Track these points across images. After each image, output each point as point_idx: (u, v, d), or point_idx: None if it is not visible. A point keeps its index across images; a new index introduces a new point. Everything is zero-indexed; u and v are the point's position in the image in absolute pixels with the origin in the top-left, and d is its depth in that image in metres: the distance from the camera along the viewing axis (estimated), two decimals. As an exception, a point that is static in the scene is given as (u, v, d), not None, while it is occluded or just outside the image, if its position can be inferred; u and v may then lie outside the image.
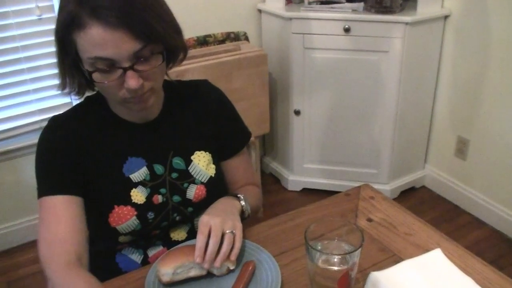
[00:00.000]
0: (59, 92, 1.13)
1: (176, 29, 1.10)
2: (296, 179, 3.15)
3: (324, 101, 2.84)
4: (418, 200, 3.07)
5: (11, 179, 2.63)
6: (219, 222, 1.09)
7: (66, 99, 2.66)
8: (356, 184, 1.46)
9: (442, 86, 2.89)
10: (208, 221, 1.09)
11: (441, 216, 2.90)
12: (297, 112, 2.90)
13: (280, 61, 2.88)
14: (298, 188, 3.16)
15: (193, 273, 1.08)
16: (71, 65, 1.07)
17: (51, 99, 2.63)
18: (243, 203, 1.24)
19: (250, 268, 1.09)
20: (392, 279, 1.07)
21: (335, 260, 0.97)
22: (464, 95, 2.77)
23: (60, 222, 1.09)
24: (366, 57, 2.65)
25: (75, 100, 1.22)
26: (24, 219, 2.72)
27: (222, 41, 2.73)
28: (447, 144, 2.96)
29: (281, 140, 3.16)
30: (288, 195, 3.16)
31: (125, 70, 1.01)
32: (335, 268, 0.96)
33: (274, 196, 3.12)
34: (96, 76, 1.02)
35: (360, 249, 0.94)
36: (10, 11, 2.40)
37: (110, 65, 1.00)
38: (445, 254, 1.14)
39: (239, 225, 1.13)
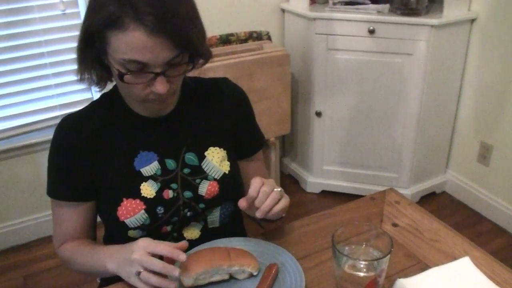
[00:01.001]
0: (78, 81, 1.14)
1: (204, 36, 1.11)
2: (315, 181, 3.12)
3: (346, 103, 2.81)
4: (439, 205, 3.02)
5: (31, 173, 2.64)
6: (272, 181, 1.10)
7: (87, 95, 2.67)
8: (376, 188, 1.44)
9: (466, 90, 2.84)
10: (260, 180, 1.09)
11: (462, 223, 2.85)
12: (318, 114, 2.87)
13: (302, 61, 2.86)
14: (317, 190, 3.14)
15: (215, 278, 1.06)
16: (93, 58, 1.08)
17: (72, 94, 2.64)
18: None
19: (273, 271, 1.07)
20: (419, 287, 1.04)
21: (362, 265, 0.94)
22: (488, 100, 2.72)
23: (66, 225, 1.24)
24: (390, 59, 2.61)
25: (97, 94, 1.23)
26: (43, 214, 2.72)
27: (244, 40, 2.72)
28: (470, 150, 2.91)
29: (301, 141, 3.13)
30: (307, 197, 3.13)
31: (156, 75, 1.03)
32: (362, 274, 0.93)
33: (293, 198, 3.04)
34: (127, 78, 1.03)
35: (389, 256, 0.91)
36: (35, 6, 2.40)
37: (142, 68, 1.02)
38: (473, 262, 1.11)
39: (287, 197, 1.15)
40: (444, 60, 2.65)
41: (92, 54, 1.07)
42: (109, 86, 1.22)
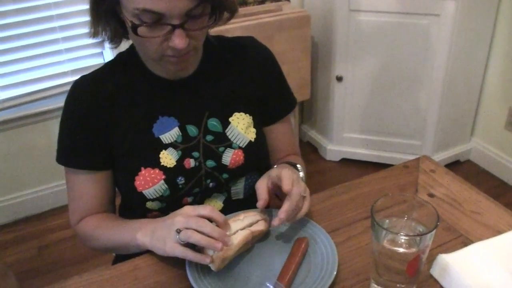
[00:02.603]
0: (90, 36, 1.04)
1: None
2: (335, 148, 3.03)
3: (368, 67, 2.69)
4: (463, 174, 2.88)
5: (44, 142, 2.58)
6: (297, 179, 1.02)
7: (99, 59, 2.58)
8: (399, 156, 1.34)
9: (495, 54, 2.70)
10: (291, 175, 1.01)
11: (487, 192, 2.71)
12: (339, 78, 2.75)
13: (323, 23, 2.73)
14: (337, 158, 3.05)
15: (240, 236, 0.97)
16: (107, 11, 0.98)
17: (84, 59, 2.56)
18: (301, 174, 1.14)
19: (303, 245, 0.99)
20: (463, 263, 0.94)
21: (403, 241, 0.85)
22: (519, 64, 2.59)
23: (82, 198, 1.15)
24: (416, 21, 2.48)
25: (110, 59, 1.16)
26: (56, 183, 2.67)
27: (262, 1, 2.62)
28: (497, 116, 2.79)
29: (321, 107, 3.03)
30: (327, 165, 3.04)
31: (174, 27, 0.92)
32: (404, 250, 0.84)
33: (312, 166, 3.01)
34: (141, 30, 0.93)
35: (434, 231, 0.82)
36: (43, -34, 2.29)
37: (158, 19, 0.91)
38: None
39: (308, 190, 1.05)
40: (473, 22, 2.51)
41: (105, 6, 0.97)
42: (125, 45, 1.12)
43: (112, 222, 1.13)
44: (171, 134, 1.10)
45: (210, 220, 0.95)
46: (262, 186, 1.03)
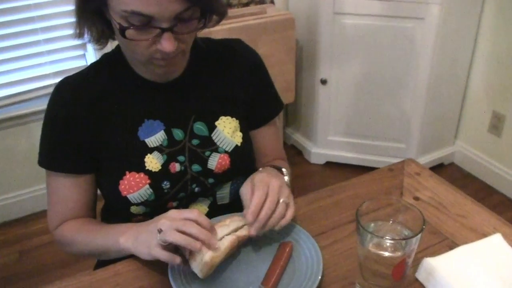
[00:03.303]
0: (75, 36, 1.01)
1: None
2: (319, 151, 3.02)
3: (352, 70, 2.68)
4: (447, 177, 2.86)
5: (25, 145, 2.54)
6: (277, 185, 0.99)
7: (82, 62, 2.55)
8: (383, 159, 1.34)
9: (478, 57, 2.71)
10: (267, 181, 0.99)
11: (471, 195, 2.73)
12: (323, 81, 2.75)
13: (307, 26, 2.72)
14: (321, 161, 3.04)
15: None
16: (93, 12, 0.96)
17: (66, 61, 2.52)
18: (286, 178, 1.12)
19: (288, 250, 0.97)
20: (449, 267, 0.94)
21: (389, 244, 0.84)
22: (502, 67, 2.60)
23: (63, 202, 1.12)
24: (400, 25, 2.48)
25: (93, 60, 1.14)
26: (38, 187, 2.63)
27: (246, 4, 2.60)
28: (481, 120, 2.80)
29: (306, 110, 3.02)
30: (311, 168, 3.03)
31: (163, 30, 0.91)
32: (390, 254, 0.83)
33: (296, 169, 2.99)
34: (129, 33, 0.91)
35: (420, 235, 0.81)
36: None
37: (147, 22, 0.90)
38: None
39: (292, 196, 1.02)
40: (457, 25, 2.53)
41: (91, 7, 0.95)
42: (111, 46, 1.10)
43: (93, 226, 1.10)
44: (156, 138, 1.08)
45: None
46: (246, 193, 1.01)
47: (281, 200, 0.98)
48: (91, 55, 2.54)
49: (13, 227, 2.61)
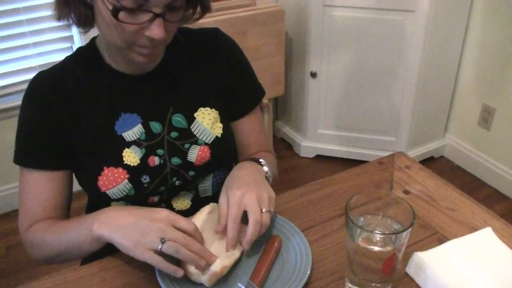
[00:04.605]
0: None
1: None
2: (309, 145, 3.01)
3: (342, 63, 2.67)
4: (437, 170, 2.89)
5: (11, 139, 2.48)
6: (253, 198, 0.95)
7: (69, 53, 2.50)
8: (373, 152, 1.32)
9: (468, 50, 2.71)
10: (242, 194, 0.95)
11: (461, 188, 2.73)
12: (313, 74, 2.73)
13: (297, 19, 2.71)
14: (311, 155, 3.03)
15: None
16: None
17: (52, 53, 2.48)
18: (266, 168, 1.09)
19: (276, 244, 0.96)
20: (438, 261, 0.93)
21: (379, 239, 0.83)
22: (492, 61, 2.60)
23: (36, 200, 1.06)
24: (390, 17, 2.47)
25: None
26: (24, 181, 2.59)
27: (235, -4, 2.56)
28: (471, 113, 2.81)
29: (295, 103, 3.01)
30: (301, 161, 3.02)
31: (155, 16, 0.89)
32: (380, 248, 0.82)
33: (286, 163, 2.98)
34: (122, 15, 0.89)
35: (410, 229, 0.80)
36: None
37: (139, 5, 0.88)
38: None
39: (273, 196, 1.00)
40: (447, 18, 2.52)
41: None
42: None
43: (65, 222, 1.05)
44: (134, 132, 1.06)
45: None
46: (223, 208, 0.97)
47: (263, 210, 0.95)
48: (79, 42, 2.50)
49: (0, 221, 2.57)
